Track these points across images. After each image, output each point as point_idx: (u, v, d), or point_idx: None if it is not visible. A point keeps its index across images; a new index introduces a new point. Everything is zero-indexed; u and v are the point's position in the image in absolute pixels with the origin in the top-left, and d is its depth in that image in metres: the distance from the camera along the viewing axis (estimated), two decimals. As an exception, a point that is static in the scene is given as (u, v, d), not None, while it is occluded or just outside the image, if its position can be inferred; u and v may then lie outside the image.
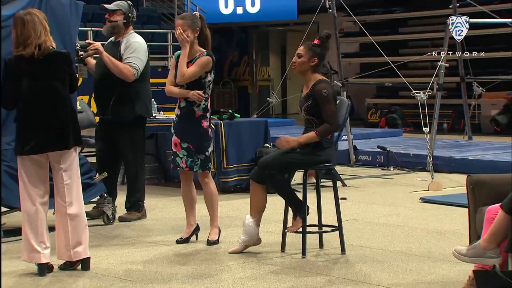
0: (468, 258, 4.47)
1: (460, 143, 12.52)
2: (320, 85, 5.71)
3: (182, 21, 6.07)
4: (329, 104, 5.67)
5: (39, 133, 5.15)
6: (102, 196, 6.94)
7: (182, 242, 6.18)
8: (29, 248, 5.18)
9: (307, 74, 5.78)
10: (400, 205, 7.96)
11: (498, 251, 4.36)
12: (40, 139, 5.15)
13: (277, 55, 22.50)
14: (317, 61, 5.77)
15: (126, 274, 5.27)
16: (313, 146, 5.67)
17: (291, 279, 5.12)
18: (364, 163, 11.17)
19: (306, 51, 5.76)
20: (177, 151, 6.12)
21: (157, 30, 16.70)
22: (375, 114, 18.17)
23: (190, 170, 6.10)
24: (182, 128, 6.09)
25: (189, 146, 6.07)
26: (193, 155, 6.06)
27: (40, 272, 5.20)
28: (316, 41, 5.79)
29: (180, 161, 6.11)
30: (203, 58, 6.04)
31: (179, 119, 6.12)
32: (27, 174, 5.18)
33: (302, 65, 5.76)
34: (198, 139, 6.07)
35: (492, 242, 4.37)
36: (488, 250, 4.38)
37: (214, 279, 5.13)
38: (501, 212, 4.32)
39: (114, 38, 7.14)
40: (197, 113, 6.07)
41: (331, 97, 5.69)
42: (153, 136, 9.64)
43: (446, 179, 9.57)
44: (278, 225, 6.38)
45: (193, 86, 6.04)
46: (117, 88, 6.93)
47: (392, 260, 5.58)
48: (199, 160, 6.07)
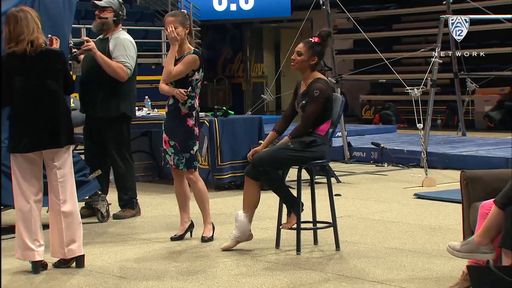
0: (462, 253, 4.47)
1: (453, 139, 12.54)
2: (315, 84, 5.70)
3: (173, 18, 6.06)
4: (313, 105, 5.66)
5: (32, 131, 5.13)
6: (96, 193, 6.93)
7: (176, 239, 6.18)
8: (23, 246, 5.17)
9: (306, 72, 5.77)
10: (394, 201, 7.97)
11: (492, 247, 4.36)
12: (33, 137, 5.13)
13: (271, 52, 22.48)
14: (316, 60, 5.76)
15: (120, 271, 5.27)
16: (307, 143, 5.67)
17: (285, 275, 5.12)
18: (358, 160, 11.18)
19: (307, 49, 5.73)
20: (167, 149, 6.13)
21: (151, 28, 16.68)
22: (369, 111, 18.18)
23: (176, 167, 6.11)
24: (169, 126, 6.11)
25: (175, 144, 6.08)
26: (179, 153, 6.07)
27: (34, 270, 5.20)
28: (317, 39, 5.76)
29: (169, 158, 6.13)
30: (189, 56, 6.02)
31: (167, 117, 6.15)
32: (20, 172, 5.17)
33: (301, 64, 5.75)
34: (183, 138, 6.06)
35: (485, 237, 4.37)
36: (481, 245, 4.38)
37: (208, 276, 5.13)
38: (494, 208, 4.33)
39: (103, 35, 7.13)
40: (182, 111, 6.06)
41: (320, 98, 5.65)
42: (147, 134, 9.64)
43: (440, 175, 9.58)
44: (272, 221, 6.38)
45: (180, 84, 6.02)
46: (103, 86, 6.91)
47: (387, 256, 5.59)
48: (184, 159, 6.07)
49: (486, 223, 4.36)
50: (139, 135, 9.44)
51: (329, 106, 5.76)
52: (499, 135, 13.42)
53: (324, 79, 5.82)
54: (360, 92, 18.88)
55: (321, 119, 5.73)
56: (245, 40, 21.85)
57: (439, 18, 10.43)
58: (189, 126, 6.07)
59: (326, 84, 5.78)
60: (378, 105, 17.99)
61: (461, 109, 13.00)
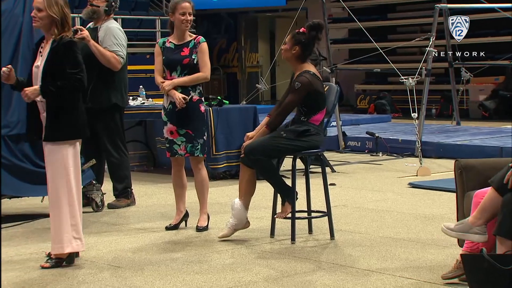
0: (455, 232, 4.49)
1: (448, 129, 12.56)
2: (299, 77, 5.67)
3: (190, 4, 6.06)
4: (291, 95, 5.65)
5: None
6: (90, 183, 6.92)
7: (171, 229, 6.18)
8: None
9: (292, 62, 5.75)
10: (389, 190, 7.98)
11: (485, 229, 4.37)
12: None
13: (266, 41, 22.45)
14: (298, 49, 5.69)
15: (115, 261, 5.26)
16: (300, 132, 5.66)
17: (280, 264, 5.13)
18: (353, 149, 11.19)
19: (289, 39, 5.72)
20: (174, 139, 6.09)
21: (145, 17, 16.61)
22: (364, 100, 18.19)
23: (191, 155, 6.08)
24: (179, 115, 6.05)
25: (188, 132, 6.05)
26: (193, 140, 6.05)
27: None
28: (302, 29, 5.73)
29: (178, 148, 6.08)
30: (204, 45, 6.07)
31: (174, 106, 6.05)
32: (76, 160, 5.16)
33: (285, 53, 5.75)
34: (197, 124, 6.06)
35: (479, 218, 4.38)
36: (475, 226, 4.39)
37: (203, 265, 5.13)
38: (491, 190, 4.34)
39: (93, 24, 7.10)
40: (194, 98, 6.06)
41: (300, 90, 5.61)
42: (141, 123, 9.63)
43: (434, 164, 9.60)
44: (267, 211, 6.39)
45: (189, 70, 6.02)
46: (95, 76, 6.87)
47: (381, 245, 5.60)
48: (199, 145, 6.07)
49: (482, 204, 4.37)
50: (133, 124, 9.43)
51: (319, 97, 5.71)
52: (494, 124, 13.45)
53: (311, 71, 5.71)
54: (355, 81, 18.88)
55: (315, 110, 5.71)
56: (240, 30, 21.81)
57: (434, 8, 10.43)
58: (201, 112, 6.08)
59: (312, 76, 5.68)
60: (373, 95, 18.00)
61: (455, 99, 13.02)
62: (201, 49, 6.04)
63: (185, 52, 6.02)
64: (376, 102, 17.33)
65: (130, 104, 8.57)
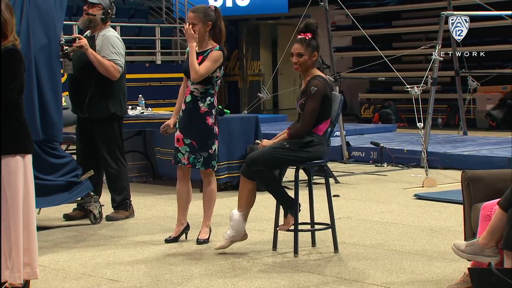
0: (466, 254, 4.43)
1: (454, 139, 12.47)
2: (313, 81, 5.61)
3: (193, 14, 5.98)
4: (311, 101, 5.56)
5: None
6: (88, 194, 6.81)
7: (171, 241, 6.06)
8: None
9: (309, 70, 5.69)
10: (394, 202, 7.89)
11: (497, 250, 4.33)
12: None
13: (268, 49, 22.40)
14: (317, 55, 5.68)
15: (113, 275, 5.17)
16: (303, 142, 5.57)
17: (283, 278, 5.04)
18: (357, 160, 11.10)
19: (305, 48, 5.64)
20: (179, 147, 6.00)
21: (144, 24, 16.54)
22: (368, 109, 18.10)
23: (192, 167, 5.98)
24: (186, 124, 5.97)
25: (192, 143, 5.96)
26: (196, 152, 5.95)
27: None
28: (309, 35, 5.68)
29: (182, 157, 5.99)
30: (215, 52, 5.94)
31: (183, 114, 6.00)
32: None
33: (305, 64, 5.66)
34: (201, 136, 5.95)
35: (490, 240, 4.33)
36: (486, 248, 4.34)
37: (204, 279, 5.03)
38: (499, 210, 4.29)
39: (90, 32, 7.02)
40: (202, 109, 5.95)
41: (318, 95, 5.55)
42: (141, 133, 9.52)
43: (440, 175, 9.52)
44: (269, 223, 6.30)
45: (200, 81, 5.92)
46: (93, 85, 6.80)
47: (386, 258, 5.52)
48: (202, 158, 5.96)
49: (491, 226, 4.33)
50: (132, 134, 9.32)
51: (327, 105, 5.64)
52: (501, 134, 13.36)
53: (322, 76, 5.72)
54: (359, 90, 18.81)
55: (319, 119, 5.63)
56: (242, 38, 21.72)
57: (440, 15, 10.33)
58: (208, 124, 5.96)
59: (324, 81, 5.67)
60: (378, 104, 17.91)
61: (462, 108, 12.92)
62: (209, 55, 5.95)
63: (199, 60, 5.94)
64: (381, 111, 17.24)
65: (129, 113, 8.50)
